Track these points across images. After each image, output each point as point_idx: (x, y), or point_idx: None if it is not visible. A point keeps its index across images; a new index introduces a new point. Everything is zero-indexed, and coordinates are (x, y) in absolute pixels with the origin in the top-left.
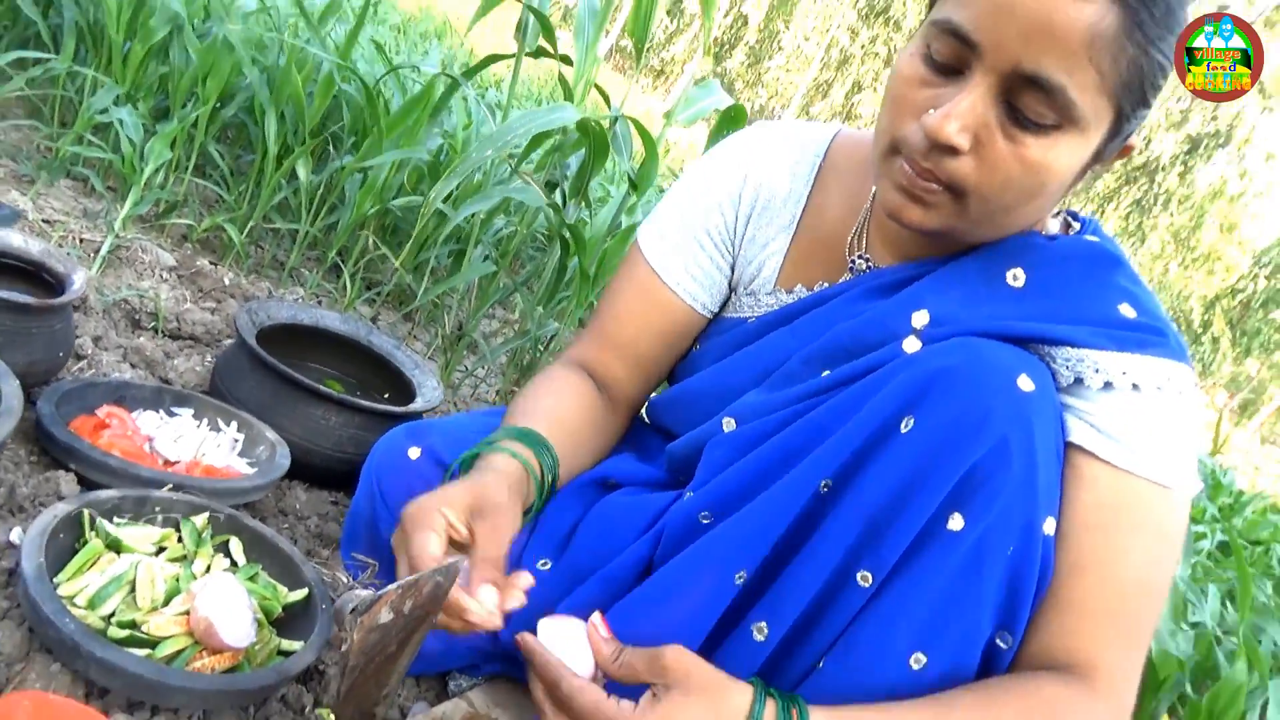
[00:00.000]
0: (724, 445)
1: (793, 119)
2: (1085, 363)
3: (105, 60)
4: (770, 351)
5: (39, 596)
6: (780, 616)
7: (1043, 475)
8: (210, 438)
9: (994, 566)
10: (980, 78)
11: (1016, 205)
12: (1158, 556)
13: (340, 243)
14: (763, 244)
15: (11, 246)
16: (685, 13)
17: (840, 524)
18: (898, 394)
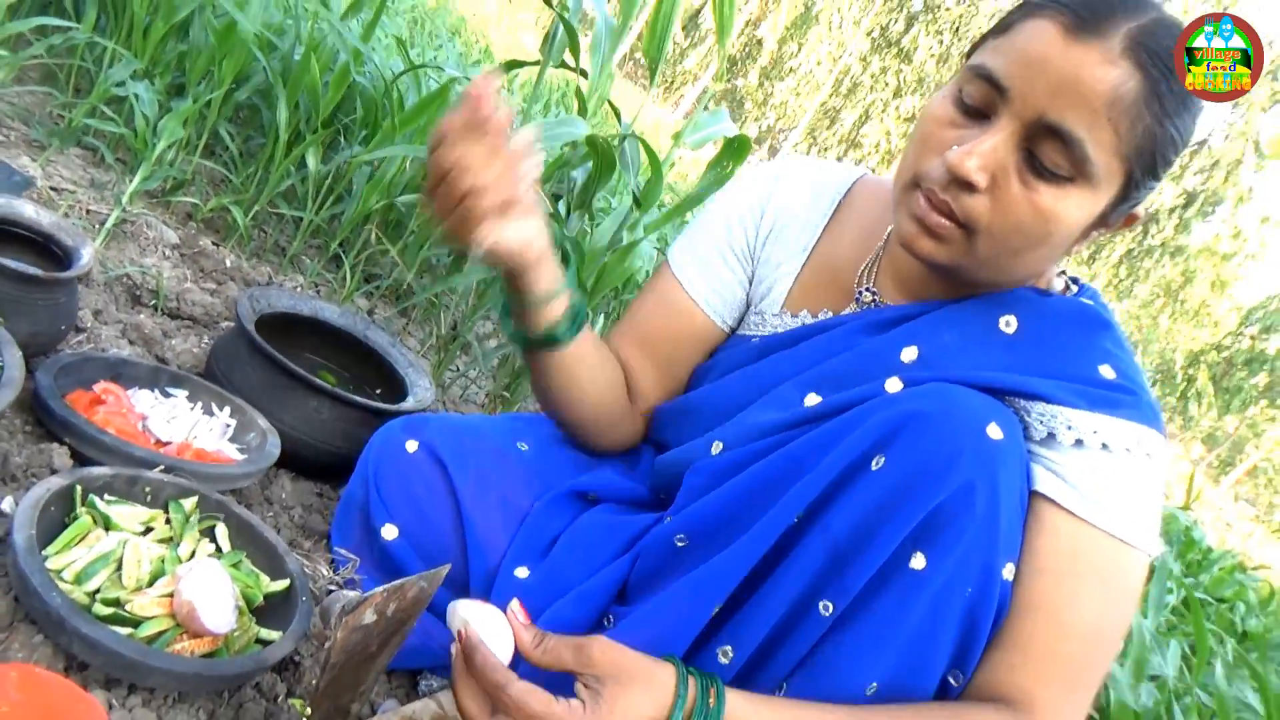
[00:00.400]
0: (704, 472)
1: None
2: (1059, 419)
3: (125, 33)
4: (768, 373)
5: (28, 568)
6: (745, 641)
7: (1005, 521)
8: (203, 421)
9: (952, 606)
10: (1005, 123)
11: (1023, 250)
12: (1109, 607)
13: (343, 234)
14: (776, 265)
15: (23, 216)
16: (701, 27)
17: (807, 554)
18: (871, 433)
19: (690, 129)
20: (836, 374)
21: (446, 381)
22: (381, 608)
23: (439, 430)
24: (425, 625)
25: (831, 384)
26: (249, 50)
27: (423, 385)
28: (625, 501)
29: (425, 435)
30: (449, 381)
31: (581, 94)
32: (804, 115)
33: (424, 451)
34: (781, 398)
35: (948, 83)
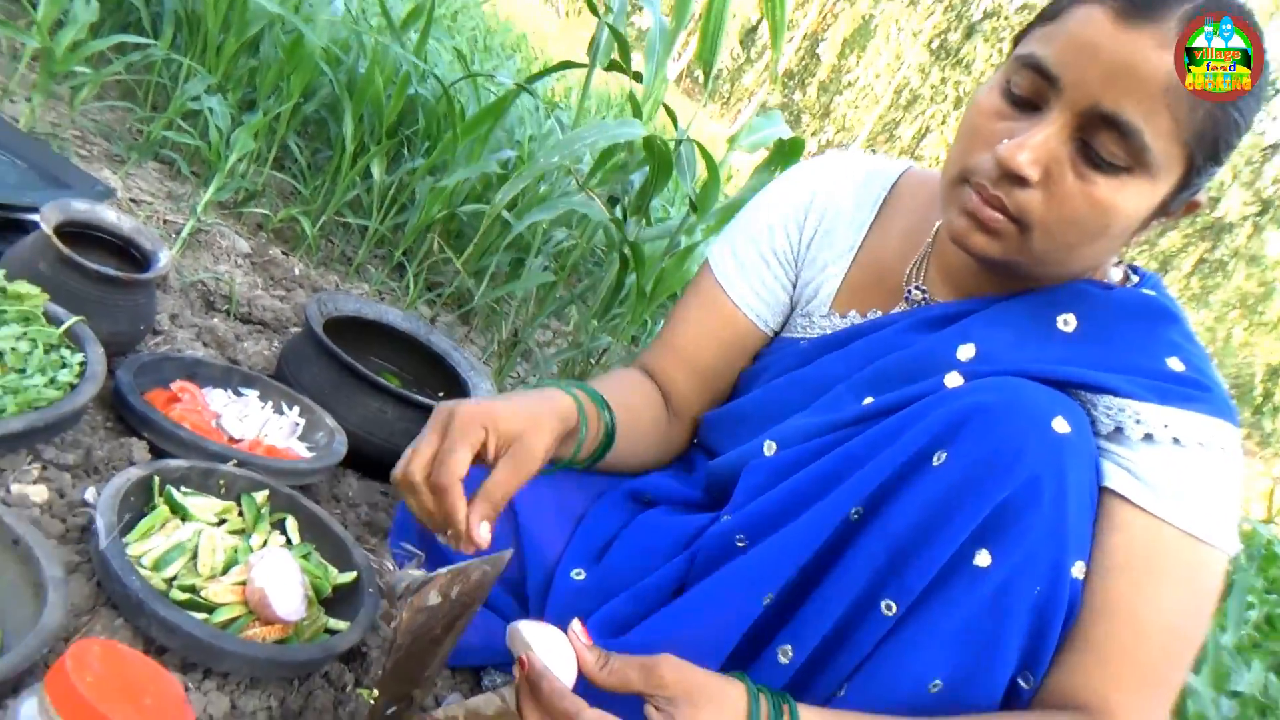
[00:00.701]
0: (761, 470)
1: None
2: (1126, 412)
3: (200, 50)
4: (819, 375)
5: (109, 554)
6: (804, 640)
7: (1073, 517)
8: (273, 419)
9: (1019, 605)
10: (1057, 114)
11: (1080, 244)
12: (1187, 608)
13: (407, 242)
14: (822, 266)
15: (105, 221)
16: (757, 43)
17: (866, 552)
18: (932, 428)
19: (746, 132)
20: (891, 373)
21: (507, 387)
22: (445, 589)
23: None
24: (489, 624)
25: (887, 383)
26: (316, 64)
27: (484, 387)
28: (679, 503)
29: None
30: (509, 387)
31: (636, 100)
32: (862, 128)
33: None
34: (836, 399)
35: (995, 74)
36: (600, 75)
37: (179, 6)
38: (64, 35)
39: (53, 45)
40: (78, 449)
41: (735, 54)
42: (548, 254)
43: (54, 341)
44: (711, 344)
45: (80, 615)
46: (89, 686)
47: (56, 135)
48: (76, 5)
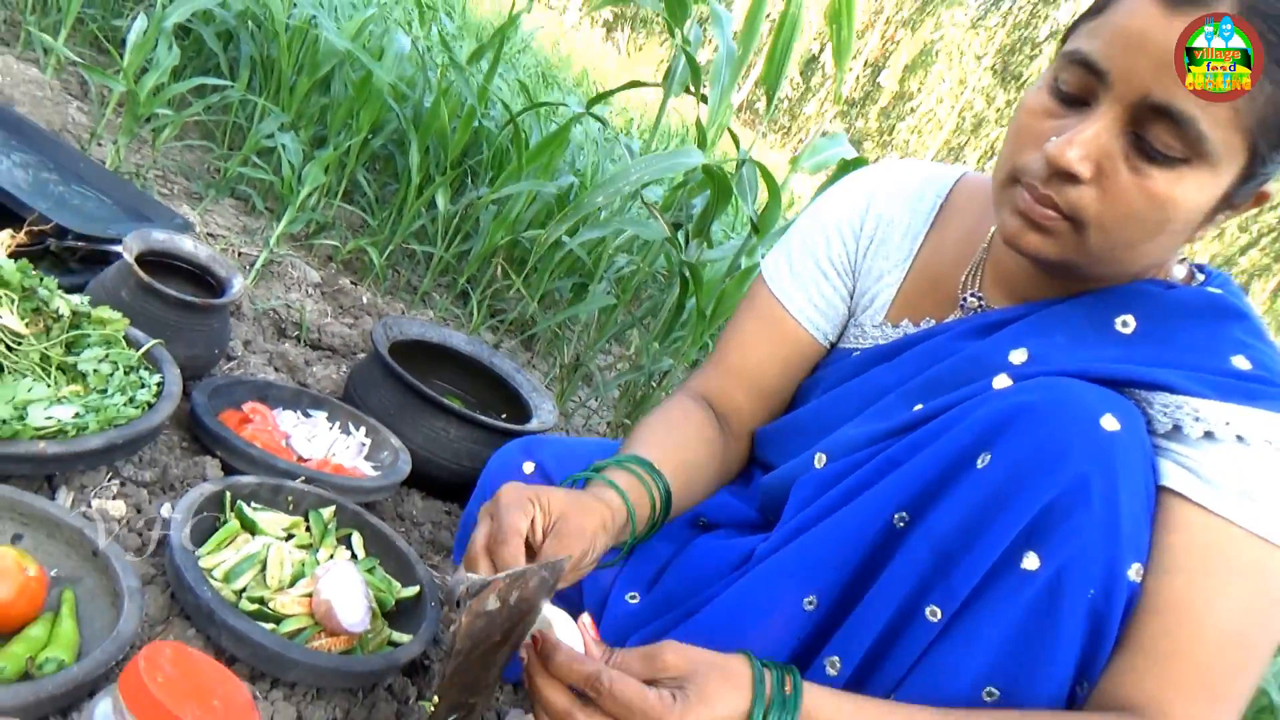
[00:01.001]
0: (810, 484)
1: (923, 160)
2: (1184, 410)
3: (274, 90)
4: (871, 386)
5: (183, 565)
6: (852, 650)
7: (1127, 517)
8: (341, 439)
9: (1072, 608)
10: (1107, 108)
11: (1138, 241)
12: (1252, 613)
13: (471, 270)
14: (878, 276)
15: (183, 250)
16: (820, 71)
17: (911, 556)
18: (974, 428)
19: (808, 153)
20: (941, 380)
21: (569, 411)
22: (504, 595)
23: (554, 452)
24: None
25: (938, 390)
26: (384, 100)
27: (546, 408)
28: (736, 523)
29: (541, 456)
30: (571, 411)
31: (701, 126)
32: (926, 154)
33: (539, 473)
34: (886, 409)
35: (1043, 73)
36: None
37: (255, 50)
38: (148, 79)
39: (137, 89)
40: (155, 466)
41: (795, 83)
42: (609, 279)
43: (133, 363)
44: (772, 362)
45: (155, 625)
46: (160, 686)
47: (140, 175)
48: (160, 51)
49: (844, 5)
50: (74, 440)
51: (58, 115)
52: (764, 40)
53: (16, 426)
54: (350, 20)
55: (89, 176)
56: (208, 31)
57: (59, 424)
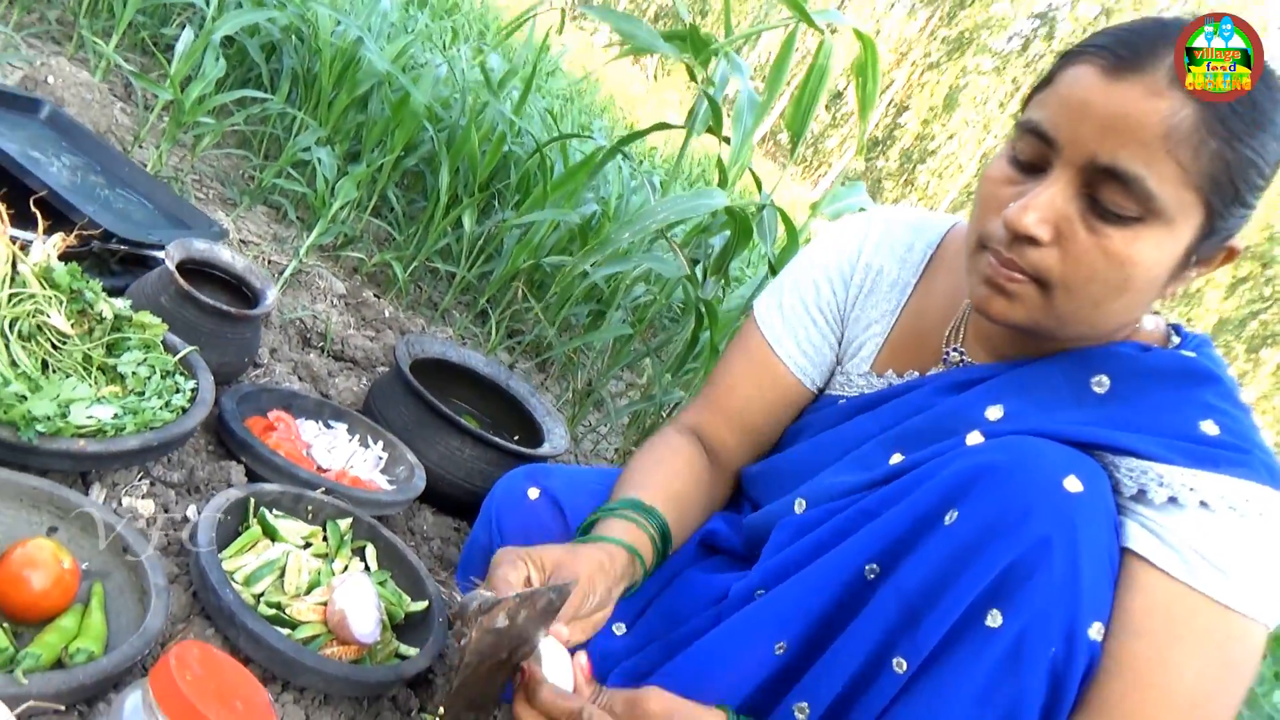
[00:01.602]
0: (789, 528)
1: (917, 208)
2: (1149, 475)
3: (313, 105)
4: (852, 434)
5: (207, 566)
6: (819, 696)
7: (1088, 578)
8: (359, 452)
9: (1033, 666)
10: (1060, 172)
11: (1104, 300)
12: (1214, 679)
13: (492, 291)
14: (865, 325)
15: (220, 260)
16: (843, 106)
17: (880, 609)
18: (942, 486)
19: (828, 200)
20: (919, 432)
21: (579, 435)
22: (513, 614)
23: (560, 479)
24: None
25: (914, 443)
26: (419, 121)
27: (558, 433)
28: (726, 552)
29: (547, 483)
30: (581, 436)
31: (723, 165)
32: (946, 196)
33: (545, 499)
34: (865, 457)
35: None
36: None
37: (297, 64)
38: (193, 89)
39: (182, 98)
40: (182, 468)
41: (819, 119)
42: (627, 308)
43: (170, 368)
44: (759, 403)
45: (176, 623)
46: (189, 684)
47: (178, 179)
48: (206, 62)
49: (869, 59)
50: (112, 440)
51: (103, 117)
52: (790, 83)
53: (59, 424)
54: (392, 42)
55: (131, 180)
56: (253, 44)
57: (98, 423)
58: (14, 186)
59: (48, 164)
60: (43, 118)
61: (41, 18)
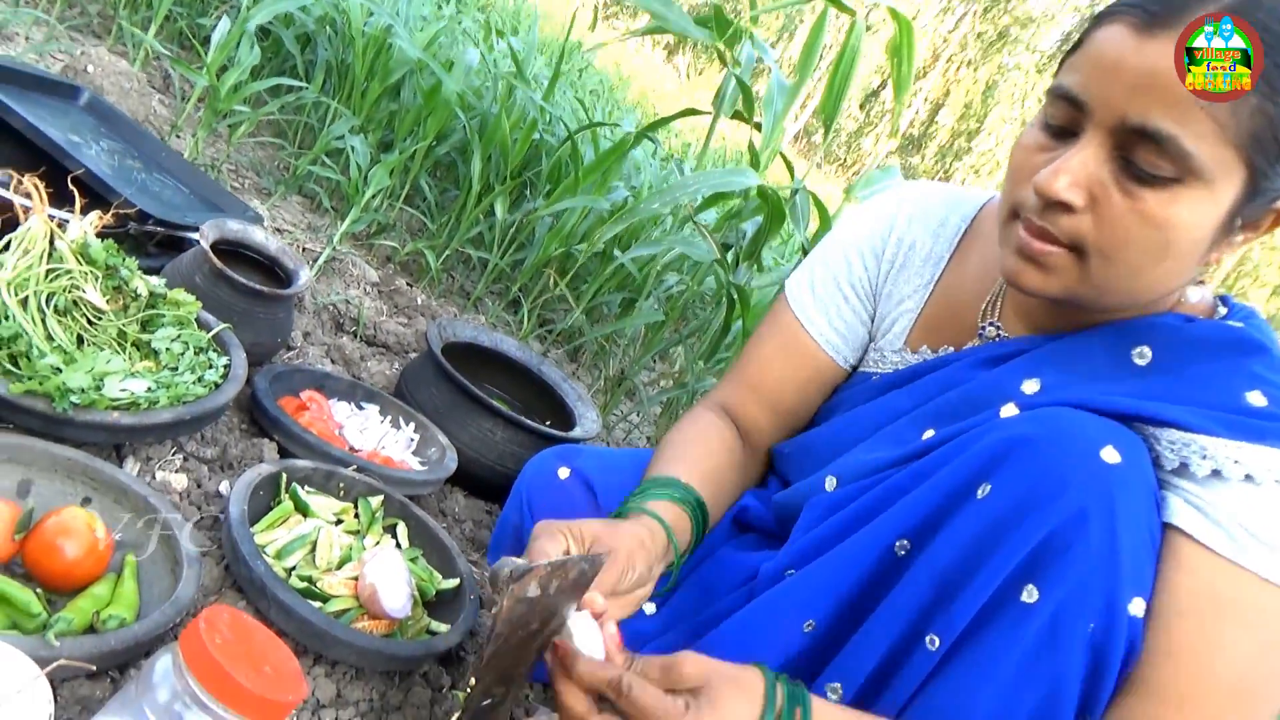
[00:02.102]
0: (819, 506)
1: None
2: (1191, 447)
3: (347, 94)
4: (885, 410)
5: (239, 538)
6: (852, 676)
7: (1127, 551)
8: (391, 433)
9: (1072, 643)
10: (1091, 134)
11: (1143, 267)
12: (1262, 658)
13: (524, 279)
14: (898, 301)
15: (254, 241)
16: (879, 106)
17: (912, 585)
18: (976, 459)
19: (862, 184)
20: (953, 407)
21: (611, 424)
22: (545, 583)
23: (590, 459)
24: None
25: (947, 418)
26: (451, 110)
27: (590, 417)
28: (758, 529)
29: (577, 463)
30: (613, 424)
31: (755, 150)
32: None
33: (576, 479)
34: (898, 434)
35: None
36: (720, 132)
37: (331, 54)
38: (228, 77)
39: (219, 85)
40: (216, 445)
41: (854, 117)
42: (658, 296)
43: (203, 345)
44: (791, 382)
45: (209, 595)
46: (218, 648)
47: (214, 167)
48: (241, 50)
49: (904, 39)
50: (145, 413)
51: (141, 106)
52: (822, 71)
53: (94, 396)
54: (422, 31)
55: (169, 166)
56: (287, 34)
57: (132, 396)
58: (53, 168)
59: (86, 148)
60: (82, 104)
61: (82, 11)
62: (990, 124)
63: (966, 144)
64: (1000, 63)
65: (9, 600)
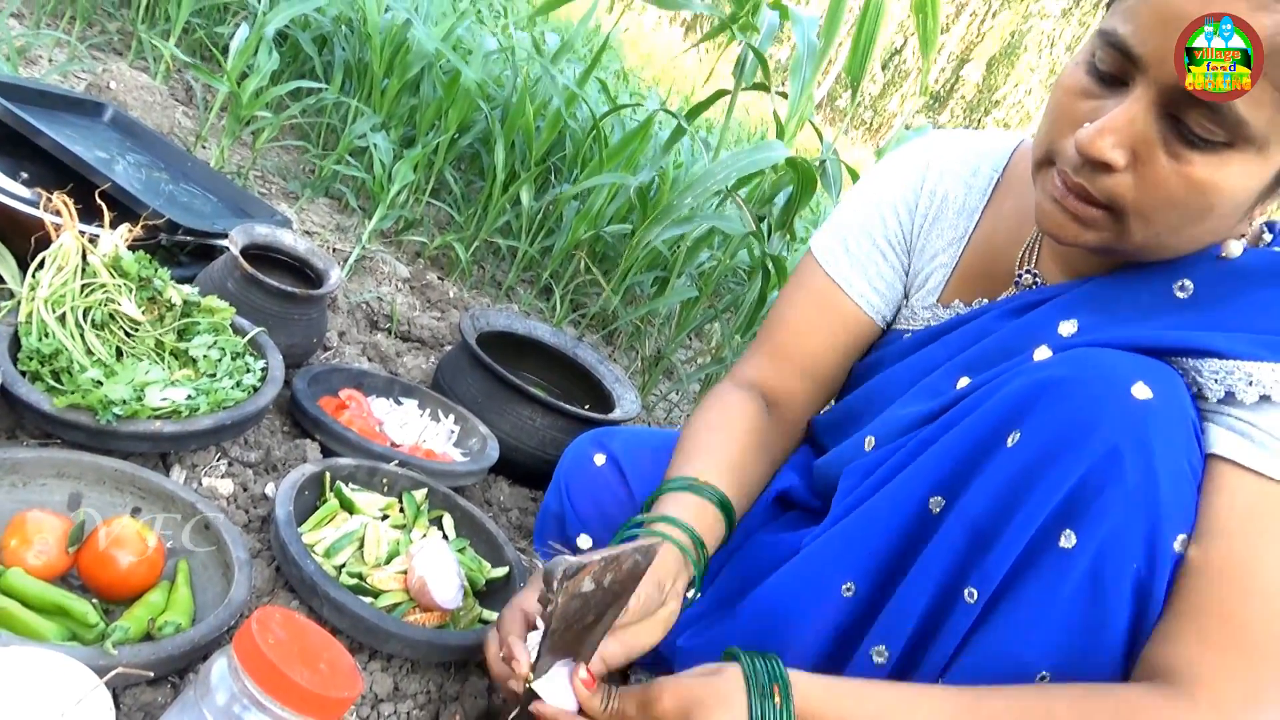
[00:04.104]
0: (858, 471)
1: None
2: (1236, 374)
3: (366, 92)
4: (921, 366)
5: (287, 538)
6: (894, 637)
7: (1166, 487)
8: (431, 426)
9: (1116, 584)
10: (1142, 91)
11: (1182, 227)
12: None
13: (554, 265)
14: (931, 255)
15: (283, 244)
16: (902, 65)
17: (947, 538)
18: (1003, 406)
19: (895, 144)
20: (987, 354)
21: (650, 405)
22: (599, 577)
23: (625, 444)
24: None
25: (982, 365)
26: (472, 100)
27: (629, 398)
28: (802, 506)
29: (612, 449)
30: (652, 404)
31: (780, 120)
32: None
33: (610, 465)
34: (933, 386)
35: (1082, 46)
36: (742, 103)
37: (349, 54)
38: (249, 83)
39: (240, 91)
40: (259, 448)
41: (876, 78)
42: (691, 273)
43: (239, 350)
44: (829, 347)
45: (261, 596)
46: (272, 648)
47: (241, 174)
48: (260, 56)
49: None
50: (187, 420)
51: (165, 119)
52: (847, 34)
53: (135, 406)
54: (438, 25)
55: (195, 176)
56: (304, 37)
57: (173, 405)
58: (82, 184)
59: (113, 163)
60: (107, 120)
61: (102, 29)
62: (1018, 73)
63: (992, 98)
64: (1025, 10)
65: (67, 612)
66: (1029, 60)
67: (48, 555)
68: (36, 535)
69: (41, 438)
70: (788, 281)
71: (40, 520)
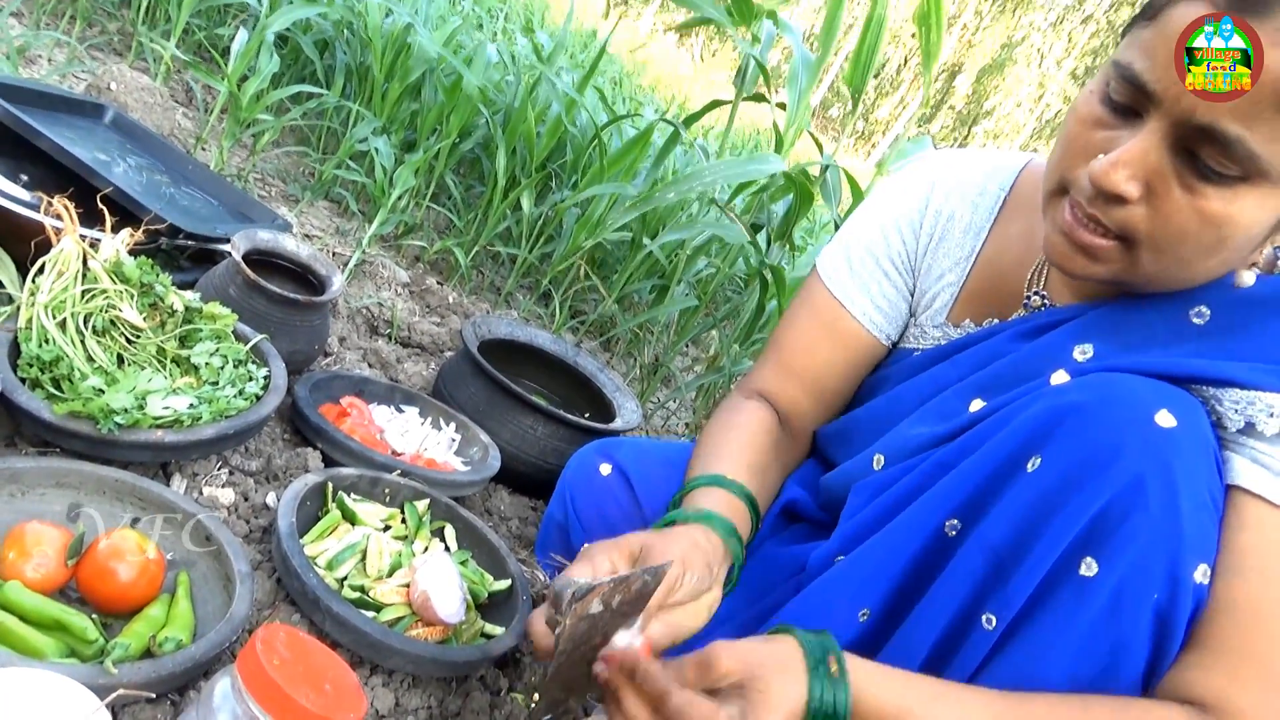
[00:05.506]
0: (868, 489)
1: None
2: (1257, 405)
3: (367, 97)
4: (930, 384)
5: (289, 551)
6: (907, 661)
7: (1188, 517)
8: (432, 434)
9: (1136, 615)
10: (1155, 124)
11: (1194, 260)
12: None
13: (554, 271)
14: (938, 275)
15: (285, 249)
16: (894, 76)
17: (966, 564)
18: (1024, 430)
19: (894, 157)
20: (1001, 377)
21: (648, 412)
22: (607, 599)
23: (630, 453)
24: None
25: (995, 388)
26: (473, 104)
27: (630, 407)
28: (808, 519)
29: (617, 458)
30: (650, 412)
31: (779, 130)
32: None
33: (616, 474)
34: (944, 406)
35: (1097, 74)
36: (743, 111)
37: (350, 58)
38: (249, 86)
39: (240, 95)
40: (260, 457)
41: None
42: (689, 282)
43: (242, 357)
44: (833, 363)
45: (262, 609)
46: (276, 669)
47: (241, 177)
48: (261, 59)
49: (933, 7)
50: (189, 429)
51: (166, 121)
52: (841, 43)
53: (137, 415)
54: (438, 30)
55: (196, 179)
56: (306, 40)
57: (175, 414)
58: (82, 187)
59: (114, 165)
60: (107, 122)
61: (102, 29)
62: (1008, 85)
63: (982, 109)
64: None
65: (66, 627)
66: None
67: (47, 568)
68: (35, 548)
69: (41, 446)
70: (795, 297)
71: (39, 532)
